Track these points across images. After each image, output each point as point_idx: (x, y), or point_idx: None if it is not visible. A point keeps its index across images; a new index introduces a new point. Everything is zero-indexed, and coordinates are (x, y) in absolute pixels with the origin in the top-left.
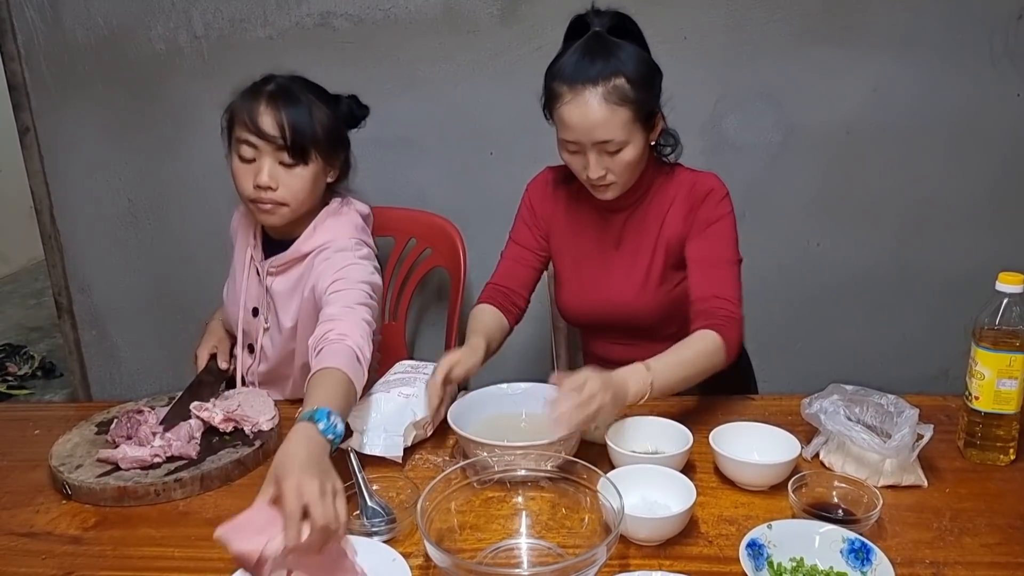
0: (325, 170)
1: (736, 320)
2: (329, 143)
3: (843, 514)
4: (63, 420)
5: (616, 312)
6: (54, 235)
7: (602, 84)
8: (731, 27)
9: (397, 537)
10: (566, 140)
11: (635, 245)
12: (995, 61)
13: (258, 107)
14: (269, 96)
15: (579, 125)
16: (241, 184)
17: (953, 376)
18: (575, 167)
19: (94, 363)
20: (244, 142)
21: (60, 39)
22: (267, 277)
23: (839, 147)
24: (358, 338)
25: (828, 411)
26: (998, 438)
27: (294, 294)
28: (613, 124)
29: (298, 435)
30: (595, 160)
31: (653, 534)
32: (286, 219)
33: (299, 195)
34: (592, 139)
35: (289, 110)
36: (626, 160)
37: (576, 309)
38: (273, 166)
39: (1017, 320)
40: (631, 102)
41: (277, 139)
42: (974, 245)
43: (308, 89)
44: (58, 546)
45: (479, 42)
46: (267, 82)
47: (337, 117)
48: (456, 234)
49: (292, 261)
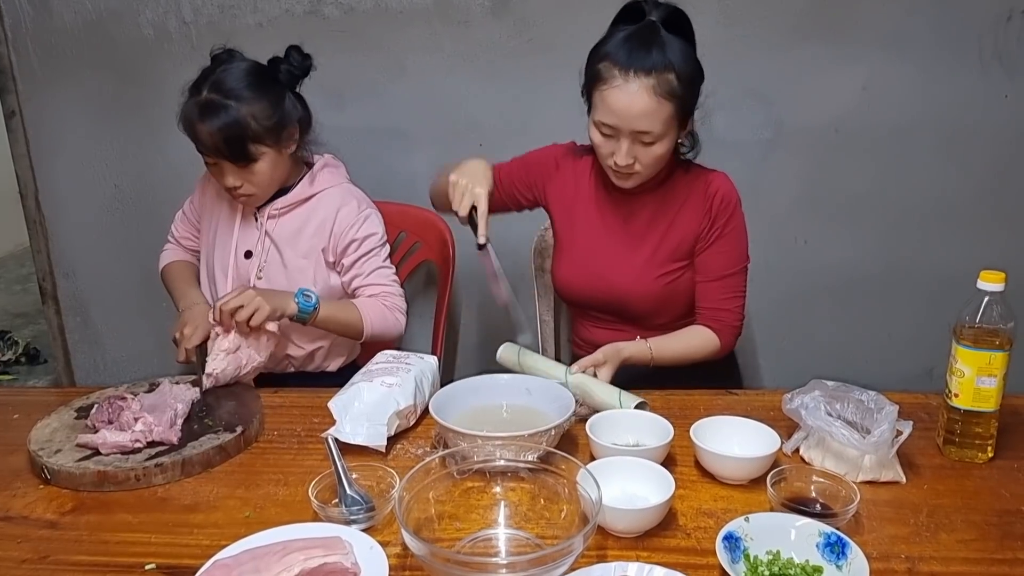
0: (280, 151)
1: (736, 330)
2: (272, 130)
3: (821, 508)
4: (43, 405)
5: (611, 292)
6: (39, 220)
7: (654, 76)
8: (722, 24)
9: (376, 526)
10: (603, 122)
11: (642, 230)
12: (984, 62)
13: (196, 125)
14: (200, 112)
15: (623, 111)
16: (217, 181)
17: (937, 375)
18: (603, 150)
19: (78, 349)
20: (199, 152)
21: (48, 23)
22: (268, 221)
23: (828, 145)
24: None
25: (809, 406)
26: (977, 436)
27: (301, 234)
28: (656, 117)
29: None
30: (627, 148)
31: (631, 526)
32: (263, 199)
33: (263, 183)
34: (632, 127)
35: (220, 122)
36: (656, 154)
37: (572, 282)
38: (232, 168)
39: (998, 318)
40: (676, 98)
41: (220, 152)
42: (960, 244)
43: (244, 84)
44: (34, 530)
45: (470, 33)
46: (200, 87)
47: (275, 97)
48: (446, 228)
49: (295, 203)
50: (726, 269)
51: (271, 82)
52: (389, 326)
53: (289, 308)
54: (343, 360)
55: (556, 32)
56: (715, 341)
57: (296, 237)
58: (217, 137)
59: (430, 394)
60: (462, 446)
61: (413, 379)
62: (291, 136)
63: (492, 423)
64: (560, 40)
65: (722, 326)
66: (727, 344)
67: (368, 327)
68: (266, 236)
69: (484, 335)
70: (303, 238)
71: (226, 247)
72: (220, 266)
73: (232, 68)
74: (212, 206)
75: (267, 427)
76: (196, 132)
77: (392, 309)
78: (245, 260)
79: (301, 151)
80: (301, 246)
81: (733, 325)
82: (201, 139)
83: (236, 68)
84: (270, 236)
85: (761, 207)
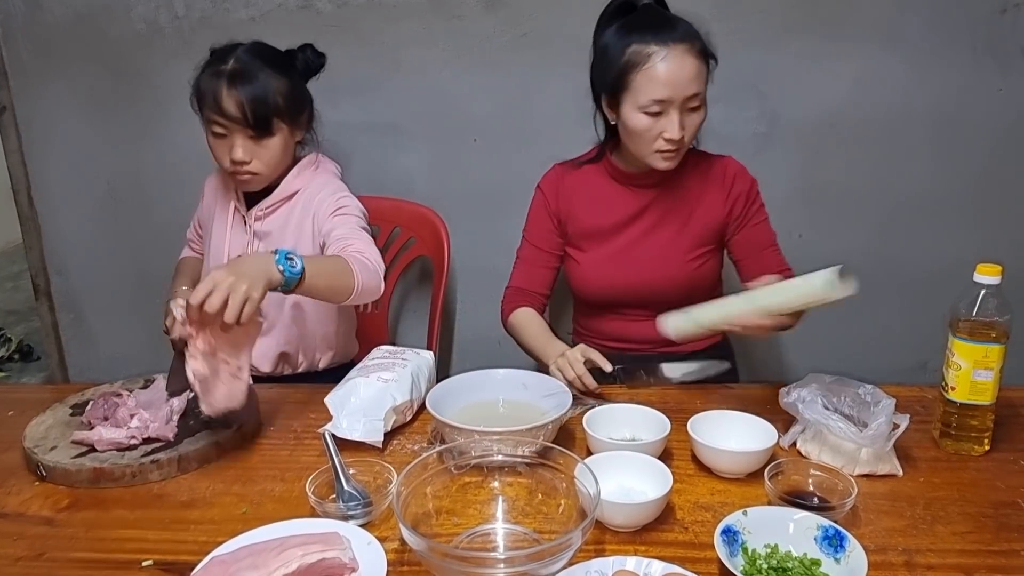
0: (293, 133)
1: None
2: (291, 109)
3: (818, 502)
4: (37, 402)
5: (641, 287)
6: (32, 217)
7: (689, 41)
8: (716, 18)
9: (373, 521)
10: (654, 99)
11: (663, 221)
12: (977, 55)
13: (220, 89)
14: (229, 78)
15: (675, 78)
16: (218, 158)
17: (932, 368)
18: (651, 133)
19: (72, 346)
20: (214, 122)
21: (39, 18)
22: (255, 222)
23: (822, 138)
24: (376, 255)
25: (806, 400)
26: (973, 428)
27: (286, 230)
28: (701, 78)
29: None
30: (679, 120)
31: (629, 520)
32: (263, 184)
33: (271, 163)
34: (684, 93)
35: (248, 89)
36: (699, 120)
37: (598, 285)
38: (244, 141)
39: (994, 311)
40: (710, 59)
41: (241, 119)
42: (955, 237)
43: (265, 60)
44: (30, 527)
45: (464, 28)
46: (225, 59)
47: (295, 81)
48: (440, 223)
49: (279, 202)
50: (765, 242)
51: (290, 66)
52: (374, 285)
53: (272, 277)
54: (333, 358)
55: (550, 26)
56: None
57: (282, 234)
58: (245, 104)
59: (426, 389)
60: (459, 441)
61: (410, 374)
62: (303, 123)
63: (489, 418)
64: (554, 34)
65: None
66: None
67: (359, 282)
68: (255, 236)
69: (480, 330)
70: (288, 234)
71: (219, 251)
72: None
73: (251, 44)
74: (210, 211)
75: (263, 423)
76: (220, 99)
77: (373, 265)
78: None
79: (302, 146)
80: (287, 243)
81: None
82: (225, 106)
83: (256, 45)
84: (258, 236)
85: None
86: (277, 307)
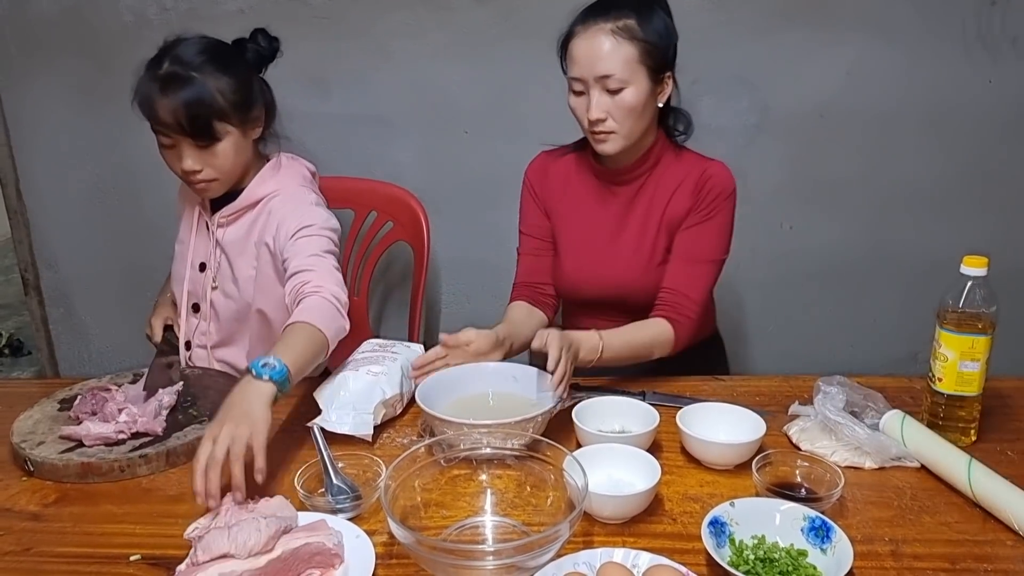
0: (245, 133)
1: (693, 321)
2: (238, 109)
3: (805, 493)
4: (25, 397)
5: (617, 289)
6: (20, 210)
7: (612, 20)
8: (707, 9)
9: (362, 515)
10: (573, 79)
11: (641, 222)
12: (968, 47)
13: (154, 98)
14: (161, 84)
15: (584, 57)
16: (171, 167)
17: (922, 359)
18: (579, 112)
19: (62, 340)
20: (156, 131)
21: (25, 9)
22: (217, 229)
23: (813, 130)
24: (333, 286)
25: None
26: (960, 419)
27: (247, 242)
28: (616, 58)
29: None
30: (596, 99)
31: (617, 512)
32: (222, 190)
33: (225, 167)
34: (595, 72)
35: (183, 96)
36: (627, 103)
37: (576, 284)
38: (191, 150)
39: (980, 303)
40: (638, 40)
41: (181, 128)
42: (944, 229)
43: (205, 58)
44: (17, 522)
45: (454, 20)
46: (160, 61)
47: (242, 76)
48: (418, 206)
49: (243, 209)
50: (702, 255)
51: (236, 59)
52: (338, 325)
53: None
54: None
55: (539, 18)
56: (670, 333)
57: (244, 244)
58: (180, 112)
59: (416, 383)
60: (448, 434)
61: (399, 368)
62: (257, 119)
63: (478, 411)
64: (543, 26)
65: (679, 316)
66: (682, 339)
67: (331, 339)
68: (217, 245)
69: (470, 323)
70: (250, 245)
71: (184, 259)
72: (177, 277)
73: (193, 42)
74: (181, 208)
75: None
76: (155, 108)
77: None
78: (200, 273)
79: (263, 142)
80: (248, 254)
81: (689, 317)
82: (160, 115)
83: (198, 42)
84: (220, 245)
85: (746, 192)
86: (241, 319)
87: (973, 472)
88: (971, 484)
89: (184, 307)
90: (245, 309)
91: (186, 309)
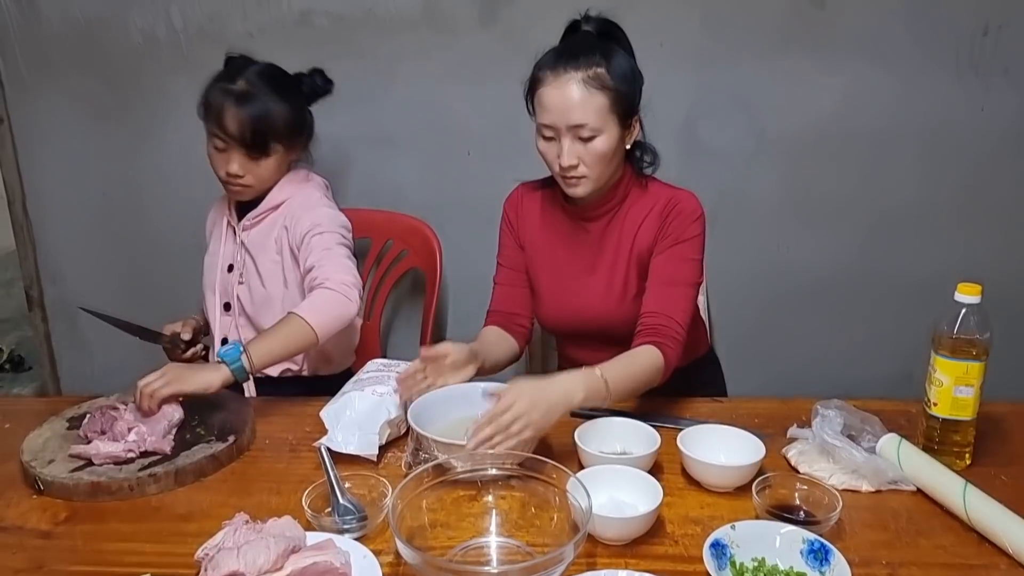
0: (288, 154)
1: (680, 342)
2: (290, 133)
3: (804, 516)
4: (34, 414)
5: (594, 323)
6: (26, 226)
7: (583, 70)
8: (706, 34)
9: (368, 535)
10: (543, 124)
11: (612, 257)
12: (961, 75)
13: (224, 108)
14: (236, 98)
15: (556, 106)
16: (215, 168)
17: (917, 380)
18: (549, 157)
19: (64, 356)
20: (215, 135)
21: (36, 29)
22: (243, 232)
23: (809, 153)
24: (339, 275)
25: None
26: (955, 443)
27: (269, 239)
28: (589, 108)
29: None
30: (568, 146)
31: (620, 533)
32: (253, 195)
33: (264, 178)
34: (568, 122)
35: (251, 111)
36: (599, 150)
37: (554, 319)
38: (240, 158)
39: (974, 329)
40: (609, 90)
41: (240, 138)
42: (939, 250)
43: (272, 84)
44: (28, 540)
45: (458, 43)
46: (235, 78)
47: (298, 105)
48: (432, 236)
49: (265, 212)
50: (677, 278)
51: (295, 90)
52: (336, 310)
53: (219, 375)
54: (336, 367)
55: (543, 42)
56: (659, 358)
57: (266, 242)
58: (244, 124)
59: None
60: (441, 457)
61: None
62: (301, 145)
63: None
64: (546, 49)
65: (666, 339)
66: (671, 361)
67: (316, 324)
68: (242, 246)
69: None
70: (271, 242)
71: (214, 264)
72: (209, 284)
73: (264, 66)
74: (210, 231)
75: (259, 435)
76: (222, 116)
77: (333, 287)
78: (228, 274)
79: (296, 163)
80: (270, 250)
81: (676, 339)
82: (226, 123)
83: (267, 68)
84: (245, 246)
85: (744, 214)
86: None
87: (968, 496)
88: (966, 508)
89: (217, 308)
90: (269, 301)
91: (219, 309)
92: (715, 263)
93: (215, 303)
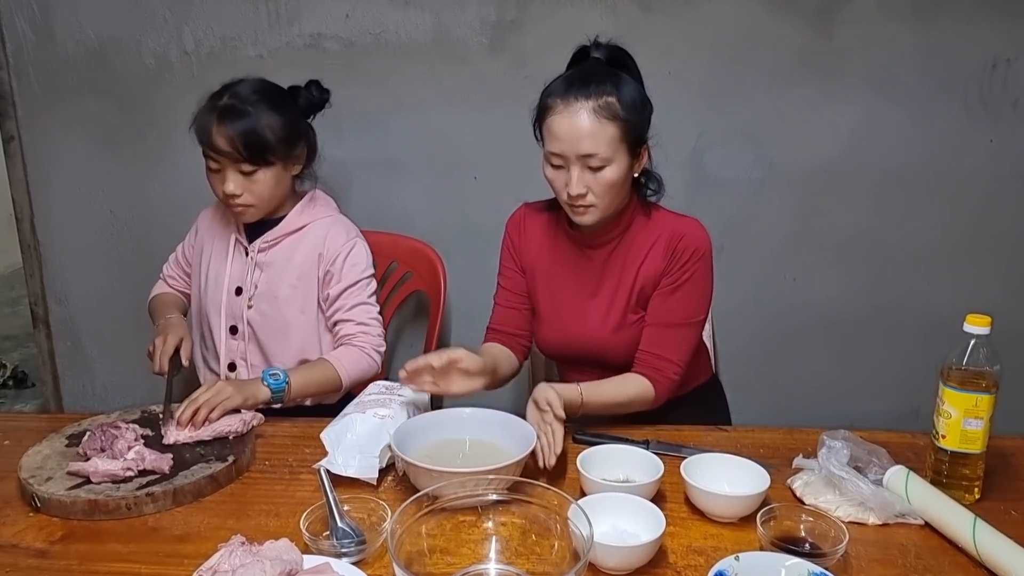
0: (287, 167)
1: (675, 381)
2: (284, 145)
3: (810, 548)
4: (34, 431)
5: (594, 349)
6: (34, 244)
7: (594, 99)
8: (715, 66)
9: (367, 559)
10: (552, 153)
11: (614, 285)
12: (969, 109)
13: (211, 125)
14: (220, 113)
15: (566, 135)
16: (214, 189)
17: (924, 414)
18: (557, 185)
19: (67, 374)
20: (207, 156)
21: (50, 50)
22: (258, 254)
23: (816, 185)
24: (372, 335)
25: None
26: (964, 477)
27: (289, 263)
28: (600, 138)
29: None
30: (578, 175)
31: (622, 563)
32: (258, 215)
33: (264, 195)
34: (578, 151)
35: (238, 126)
36: (608, 180)
37: (553, 345)
38: (235, 175)
39: (984, 361)
40: (620, 120)
41: (231, 154)
42: (946, 285)
43: (261, 96)
44: (23, 559)
45: (467, 70)
46: (220, 95)
47: (292, 117)
48: (437, 260)
49: (284, 235)
50: (678, 319)
51: (288, 102)
52: (364, 368)
53: (261, 394)
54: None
55: (551, 69)
56: (650, 391)
57: (286, 266)
58: (231, 139)
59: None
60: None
61: (406, 411)
62: (298, 157)
63: (453, 458)
64: (554, 76)
65: (660, 377)
66: (661, 396)
67: (346, 378)
68: (256, 267)
69: None
70: (292, 266)
71: (219, 284)
72: (213, 304)
73: (251, 82)
74: (206, 244)
75: (259, 457)
76: (210, 134)
77: (367, 349)
78: (236, 296)
79: (300, 180)
80: (290, 275)
81: (671, 378)
82: (214, 141)
83: (256, 82)
84: (260, 267)
85: (751, 244)
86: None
87: (978, 531)
88: (976, 543)
89: (223, 330)
90: (285, 327)
91: (224, 332)
92: (722, 292)
93: (220, 324)
